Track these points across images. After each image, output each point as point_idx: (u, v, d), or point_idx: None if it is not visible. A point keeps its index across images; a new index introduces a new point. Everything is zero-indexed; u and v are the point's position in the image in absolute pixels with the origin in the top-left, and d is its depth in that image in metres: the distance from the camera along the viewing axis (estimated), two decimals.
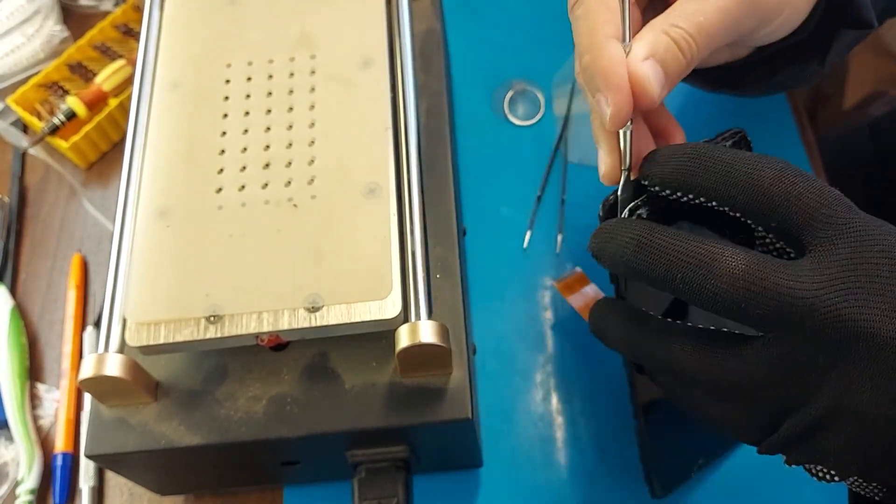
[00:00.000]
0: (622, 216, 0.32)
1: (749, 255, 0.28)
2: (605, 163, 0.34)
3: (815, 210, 0.28)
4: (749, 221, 0.29)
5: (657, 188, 0.31)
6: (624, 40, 0.32)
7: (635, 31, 0.33)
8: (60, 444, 0.50)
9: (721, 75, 0.41)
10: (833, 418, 0.27)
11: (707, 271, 0.28)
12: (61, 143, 0.58)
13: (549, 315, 0.52)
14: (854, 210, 0.29)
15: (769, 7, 0.34)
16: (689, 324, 0.31)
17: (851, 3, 0.37)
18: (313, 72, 0.43)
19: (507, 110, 0.60)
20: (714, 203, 0.29)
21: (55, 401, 0.52)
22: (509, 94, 0.60)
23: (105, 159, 0.61)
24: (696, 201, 0.30)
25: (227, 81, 0.43)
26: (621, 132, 0.32)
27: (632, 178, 0.33)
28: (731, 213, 0.30)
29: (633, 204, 0.32)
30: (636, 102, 0.31)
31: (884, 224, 0.29)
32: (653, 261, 0.29)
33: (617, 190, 0.33)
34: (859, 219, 0.28)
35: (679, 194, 0.30)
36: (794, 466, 0.30)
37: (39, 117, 0.60)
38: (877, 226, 0.28)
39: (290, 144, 0.41)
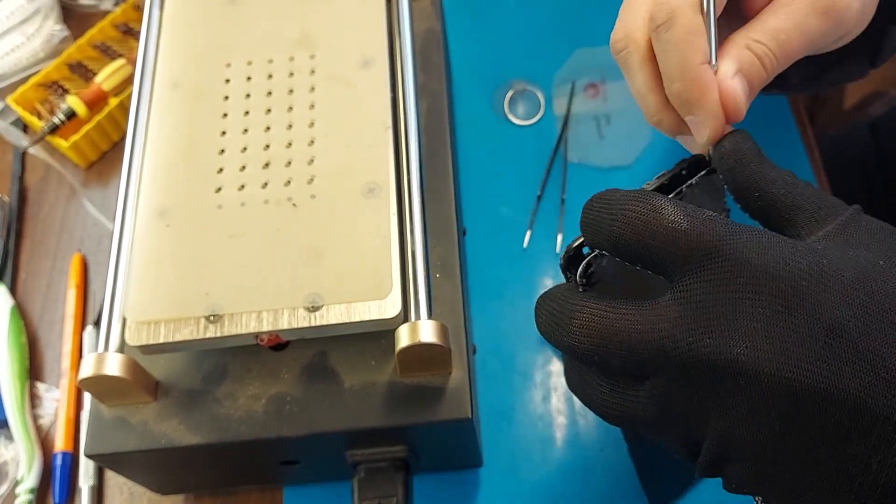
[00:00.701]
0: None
1: (602, 304, 0.27)
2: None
3: (673, 245, 0.26)
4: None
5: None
6: (711, 61, 0.32)
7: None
8: (60, 444, 0.50)
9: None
10: (729, 448, 0.26)
11: (563, 328, 0.28)
12: (61, 143, 0.58)
13: None
14: (725, 234, 0.26)
15: (848, 25, 0.34)
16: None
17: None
18: (313, 71, 0.43)
19: (507, 110, 0.60)
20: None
21: (55, 400, 0.52)
22: (509, 93, 0.60)
23: (105, 159, 0.61)
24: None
25: (227, 81, 0.43)
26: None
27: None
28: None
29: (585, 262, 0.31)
30: (727, 117, 0.32)
31: (768, 241, 0.26)
32: (538, 320, 0.30)
33: (575, 239, 0.32)
34: (731, 244, 0.26)
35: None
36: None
37: (39, 117, 0.60)
38: (754, 247, 0.26)
39: (290, 144, 0.41)
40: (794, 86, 0.43)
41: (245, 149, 0.41)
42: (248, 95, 0.43)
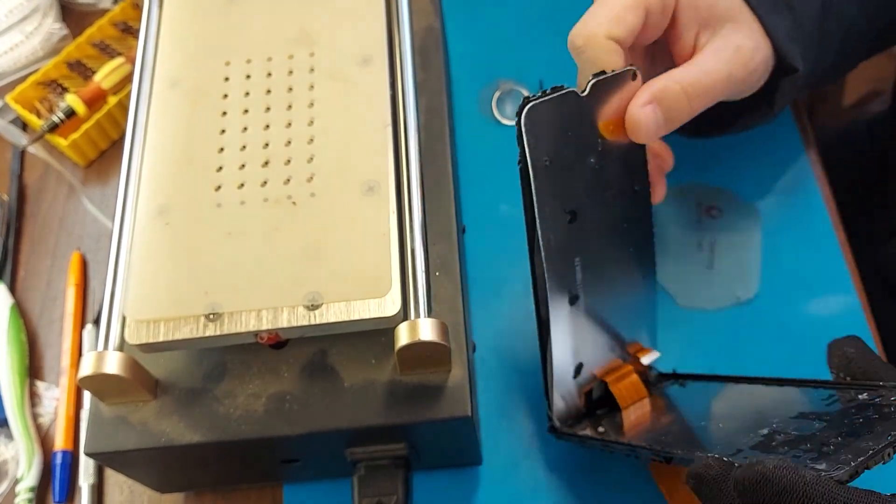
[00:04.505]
0: None
1: None
2: None
3: None
4: None
5: None
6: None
7: None
8: (60, 442, 0.50)
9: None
10: None
11: None
12: (60, 142, 0.58)
13: None
14: None
15: (758, 74, 0.42)
16: None
17: (782, 56, 0.42)
18: (312, 69, 0.43)
19: (495, 110, 0.60)
20: None
21: (55, 398, 0.52)
22: (497, 93, 0.60)
23: (104, 157, 0.61)
24: None
25: (227, 79, 0.43)
26: None
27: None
28: None
29: None
30: (633, 137, 0.38)
31: None
32: None
33: None
34: None
35: None
36: None
37: (38, 115, 0.59)
38: None
39: (289, 142, 0.41)
40: (708, 130, 0.49)
41: (244, 147, 0.41)
42: (247, 94, 0.43)
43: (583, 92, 0.37)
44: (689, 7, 0.41)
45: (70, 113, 0.58)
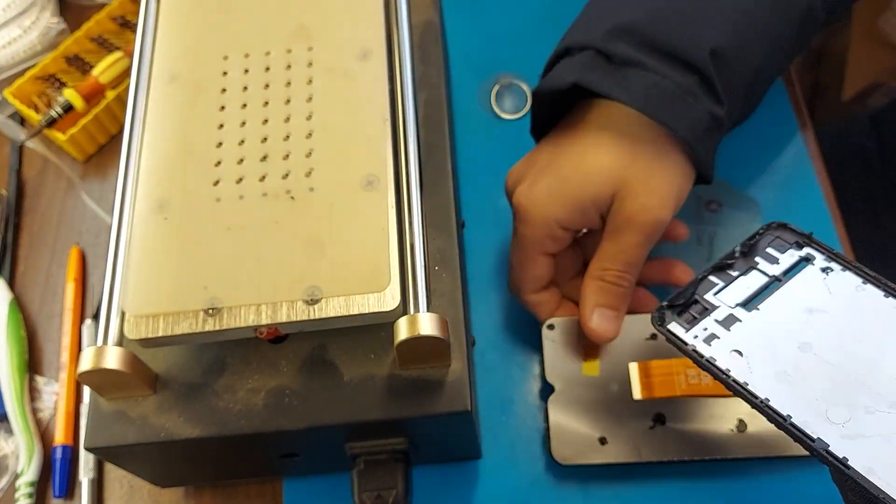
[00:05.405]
0: None
1: None
2: None
3: None
4: None
5: None
6: None
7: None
8: (60, 437, 0.50)
9: None
10: None
11: None
12: (59, 136, 0.58)
13: None
14: None
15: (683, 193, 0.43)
16: None
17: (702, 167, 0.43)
18: (311, 63, 0.43)
19: (494, 104, 0.60)
20: None
21: (54, 393, 0.52)
22: (496, 87, 0.60)
23: (103, 152, 0.61)
24: None
25: (225, 74, 0.43)
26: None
27: None
28: None
29: None
30: (602, 341, 0.44)
31: None
32: None
33: None
34: None
35: None
36: None
37: (37, 110, 0.59)
38: None
39: (288, 136, 0.41)
40: None
41: (243, 142, 0.41)
42: (245, 88, 0.43)
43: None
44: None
45: (68, 108, 0.58)
